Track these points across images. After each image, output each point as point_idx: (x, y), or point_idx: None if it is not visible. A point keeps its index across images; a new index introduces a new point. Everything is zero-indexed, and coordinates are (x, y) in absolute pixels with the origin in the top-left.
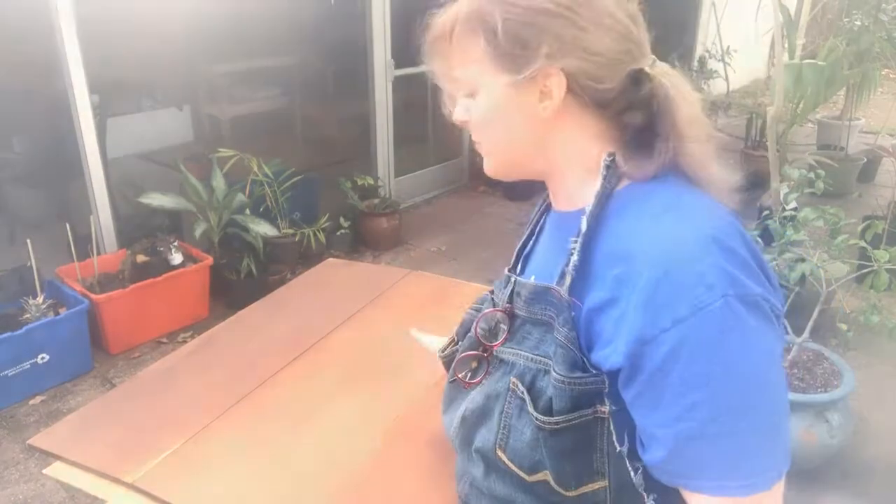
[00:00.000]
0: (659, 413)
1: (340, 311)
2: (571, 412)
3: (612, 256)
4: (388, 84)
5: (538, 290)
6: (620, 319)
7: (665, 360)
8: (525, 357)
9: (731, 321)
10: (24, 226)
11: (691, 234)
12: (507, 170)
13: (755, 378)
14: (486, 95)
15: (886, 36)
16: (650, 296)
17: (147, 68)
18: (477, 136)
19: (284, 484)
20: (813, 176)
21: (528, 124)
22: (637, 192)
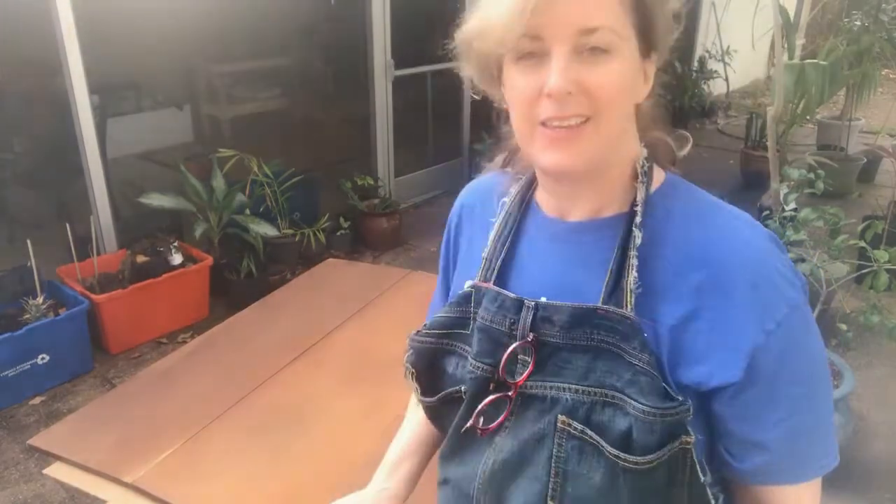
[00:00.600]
0: (765, 418)
1: (340, 311)
2: (661, 447)
3: (683, 266)
4: (388, 84)
5: (581, 312)
6: (715, 331)
7: (776, 362)
8: (572, 390)
9: (808, 313)
10: (24, 226)
11: (754, 231)
12: (601, 161)
13: (825, 363)
14: (623, 61)
15: (886, 36)
16: (751, 300)
17: (147, 68)
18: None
19: (284, 483)
20: (813, 176)
21: (631, 108)
22: (668, 196)
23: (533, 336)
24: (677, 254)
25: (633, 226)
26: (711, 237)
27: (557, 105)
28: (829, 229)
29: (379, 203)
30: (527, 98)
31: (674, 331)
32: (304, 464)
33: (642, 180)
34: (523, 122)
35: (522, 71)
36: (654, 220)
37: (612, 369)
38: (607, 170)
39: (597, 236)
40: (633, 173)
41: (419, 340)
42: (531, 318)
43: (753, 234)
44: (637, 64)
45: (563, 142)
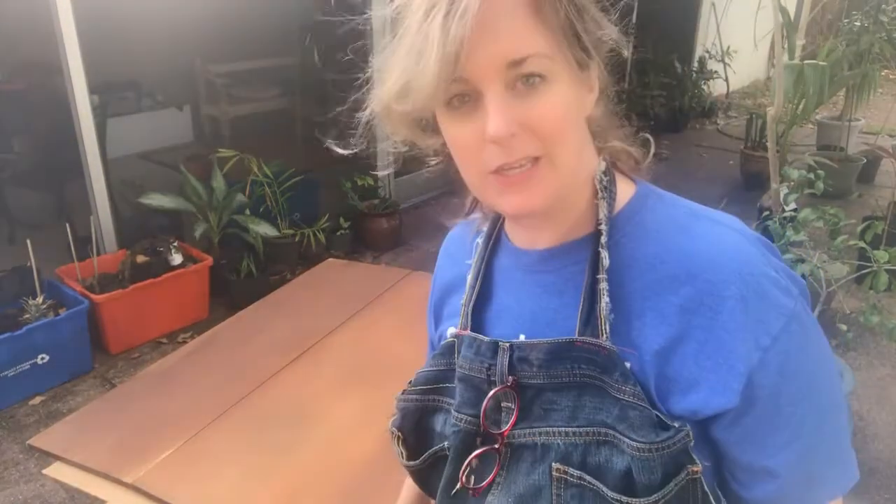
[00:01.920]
0: (770, 441)
1: (340, 311)
2: (665, 483)
3: (661, 285)
4: None
5: (557, 347)
6: (705, 353)
7: (776, 380)
8: (562, 433)
9: (807, 320)
10: (24, 226)
11: (739, 237)
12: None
13: (831, 373)
14: (565, 82)
15: (886, 36)
16: (742, 315)
17: (147, 68)
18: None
19: (284, 483)
20: (813, 176)
21: (583, 126)
22: (638, 208)
23: (512, 379)
24: (654, 271)
25: (598, 247)
26: (691, 248)
27: (504, 150)
28: (829, 230)
29: (379, 203)
30: (469, 148)
31: (660, 356)
32: (304, 463)
33: (603, 196)
34: (471, 173)
35: (457, 119)
36: (625, 237)
37: (600, 405)
38: (570, 196)
39: (567, 261)
40: (594, 189)
41: (404, 400)
42: (507, 361)
43: (738, 240)
44: (577, 80)
45: (519, 185)
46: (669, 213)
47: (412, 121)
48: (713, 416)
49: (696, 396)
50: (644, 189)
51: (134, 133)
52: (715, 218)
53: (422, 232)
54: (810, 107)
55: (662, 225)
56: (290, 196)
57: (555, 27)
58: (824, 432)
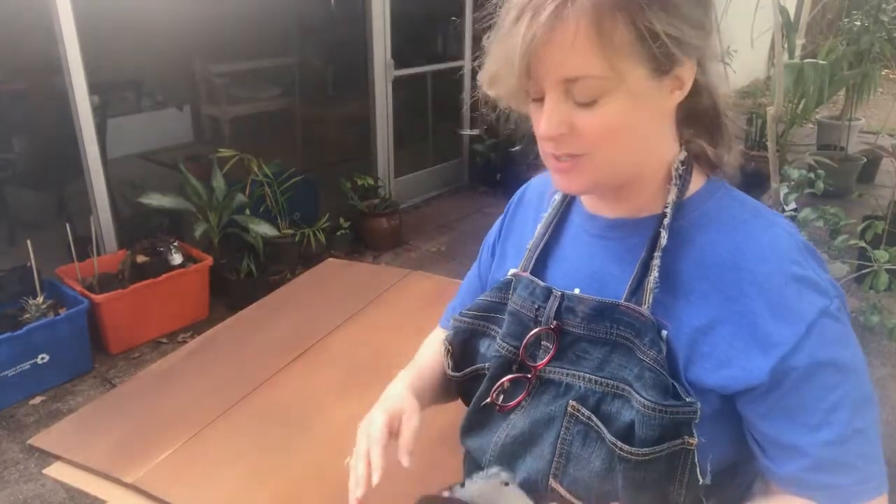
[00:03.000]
0: (799, 421)
1: (340, 311)
2: (659, 442)
3: (710, 270)
4: (388, 84)
5: (604, 306)
6: (740, 336)
7: (808, 366)
8: (586, 379)
9: (844, 320)
10: (24, 226)
11: (790, 241)
12: (611, 181)
13: (865, 371)
14: (623, 97)
15: (886, 36)
16: (779, 305)
17: (147, 68)
18: (595, 148)
19: (284, 484)
20: (813, 176)
21: (656, 122)
22: (709, 199)
23: (556, 324)
24: (705, 257)
25: (660, 227)
26: (742, 242)
27: (552, 144)
28: (829, 229)
29: (379, 203)
30: (537, 131)
31: (698, 331)
32: (304, 463)
33: (675, 182)
34: (541, 150)
35: (533, 110)
36: (685, 223)
37: (626, 364)
38: (635, 179)
39: (631, 234)
40: (670, 176)
41: (458, 320)
42: (556, 307)
43: (788, 242)
44: (647, 87)
45: (564, 171)
46: (733, 208)
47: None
48: (741, 391)
49: (727, 373)
50: (716, 183)
51: (134, 133)
52: (774, 220)
53: (422, 232)
54: (810, 106)
55: (724, 217)
56: (290, 196)
57: (620, 48)
58: (855, 425)
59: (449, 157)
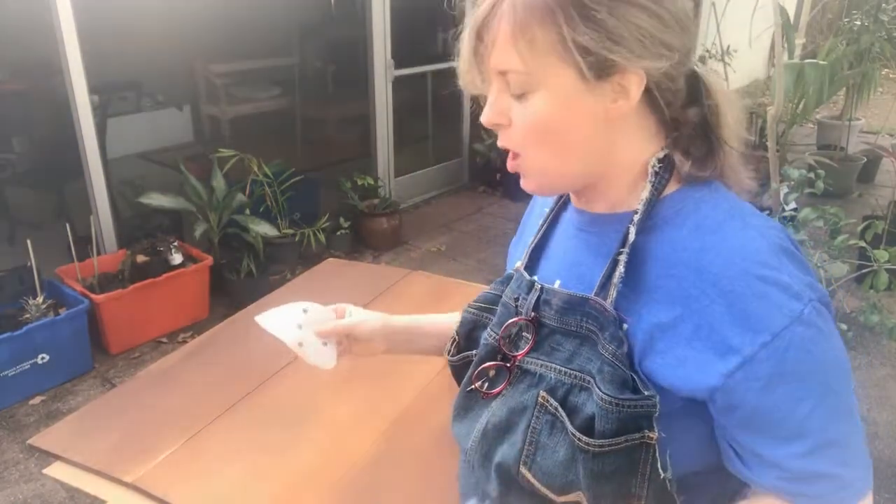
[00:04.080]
0: (769, 433)
1: None
2: (617, 435)
3: (676, 269)
4: (388, 84)
5: (574, 300)
6: (698, 337)
7: (771, 376)
8: (556, 370)
9: (819, 324)
10: (24, 226)
11: (762, 243)
12: (557, 183)
13: (846, 377)
14: (549, 95)
15: (886, 36)
16: (743, 311)
17: (147, 68)
18: (523, 145)
19: (284, 483)
20: (813, 176)
21: (593, 127)
22: (687, 198)
23: (533, 315)
24: (672, 256)
25: (630, 223)
26: (709, 243)
27: (501, 136)
28: (829, 229)
29: (379, 203)
30: None
31: (655, 328)
32: (304, 463)
33: (650, 180)
34: None
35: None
36: (658, 220)
37: (592, 357)
38: (603, 178)
39: (608, 229)
40: (645, 173)
41: (467, 311)
42: (535, 299)
43: (759, 244)
44: (577, 91)
45: (515, 169)
46: (709, 209)
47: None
48: (694, 395)
49: (681, 372)
50: (702, 184)
51: (134, 133)
52: (750, 221)
53: (422, 232)
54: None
55: (697, 218)
56: (290, 196)
57: (541, 49)
58: (830, 436)
59: (449, 157)
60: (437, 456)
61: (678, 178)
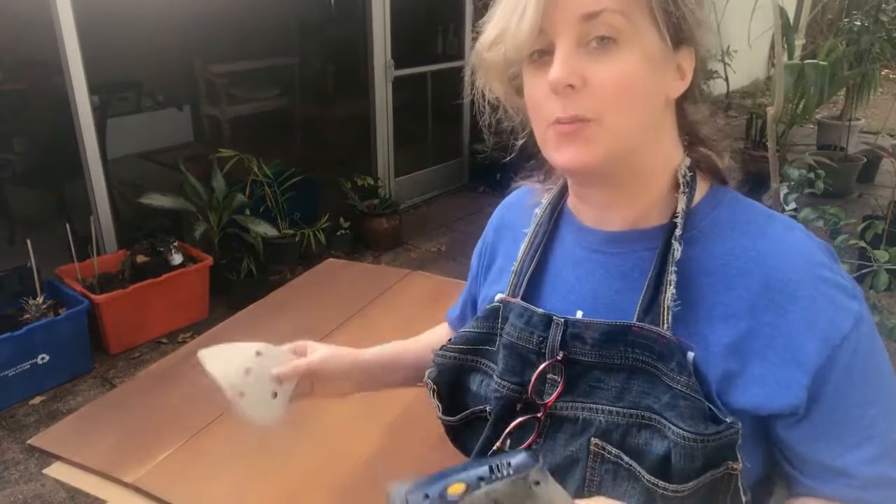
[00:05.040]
0: (839, 440)
1: (340, 311)
2: (702, 473)
3: (735, 281)
4: (388, 84)
5: (616, 329)
6: (773, 348)
7: (844, 379)
8: (605, 411)
9: (872, 325)
10: (24, 226)
11: (812, 244)
12: (623, 154)
13: (892, 373)
14: (639, 52)
15: (886, 36)
16: (812, 314)
17: (147, 68)
18: (607, 106)
19: (284, 483)
20: (813, 176)
21: (658, 104)
22: (718, 205)
23: (563, 354)
24: (727, 268)
25: (672, 238)
26: (764, 248)
27: (561, 103)
28: (829, 229)
29: (379, 203)
30: (537, 98)
31: (728, 349)
32: (304, 463)
33: (684, 190)
34: (538, 125)
35: (535, 71)
36: (698, 233)
37: (649, 390)
38: (638, 172)
39: (637, 248)
40: (675, 182)
41: (443, 356)
42: (560, 336)
43: (811, 245)
44: (659, 54)
45: (571, 136)
46: (746, 214)
47: (503, 74)
48: (777, 413)
49: (760, 391)
50: (722, 190)
51: (134, 133)
52: (789, 223)
53: (422, 232)
54: (810, 106)
55: (737, 224)
56: (290, 196)
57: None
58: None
59: (449, 157)
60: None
61: (702, 186)
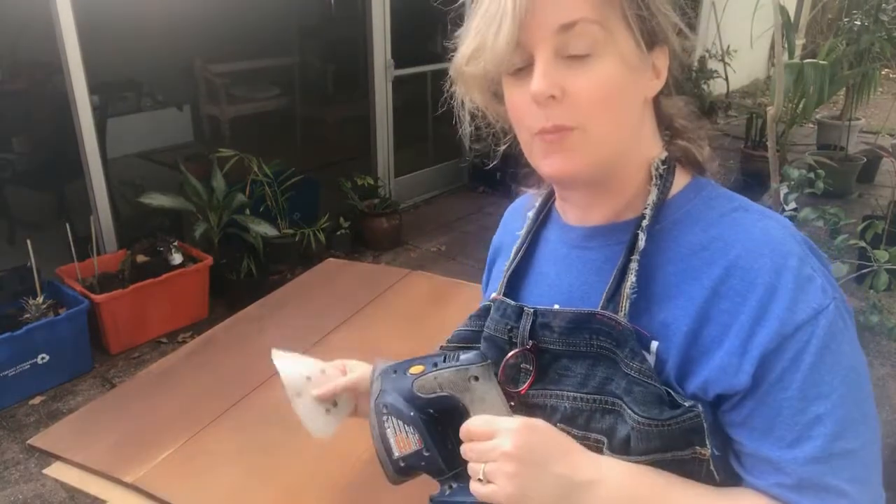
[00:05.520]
0: (776, 433)
1: (340, 311)
2: (662, 451)
3: (695, 267)
4: (388, 84)
5: (579, 317)
6: (725, 333)
7: (785, 370)
8: (570, 398)
9: (840, 324)
10: (24, 226)
11: (783, 233)
12: (609, 160)
13: (865, 385)
14: (617, 59)
15: (886, 36)
16: (768, 301)
17: (147, 68)
18: (588, 114)
19: (284, 483)
20: (813, 176)
21: (637, 106)
22: (695, 198)
23: (532, 343)
24: (693, 258)
25: (637, 229)
26: (731, 238)
27: (543, 114)
28: (829, 229)
29: (379, 203)
30: (520, 108)
31: (687, 336)
32: (304, 463)
33: (655, 183)
34: (522, 134)
35: (515, 83)
36: (668, 223)
37: (612, 376)
38: (619, 173)
39: (611, 240)
40: (649, 176)
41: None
42: (530, 325)
43: (782, 234)
44: (635, 58)
45: (556, 145)
46: (721, 206)
47: (484, 87)
48: (721, 394)
49: (707, 373)
50: (701, 182)
51: (134, 133)
52: (765, 213)
53: (422, 232)
54: (810, 106)
55: (711, 215)
56: (290, 196)
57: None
58: (842, 445)
59: (449, 157)
60: None
61: (681, 179)
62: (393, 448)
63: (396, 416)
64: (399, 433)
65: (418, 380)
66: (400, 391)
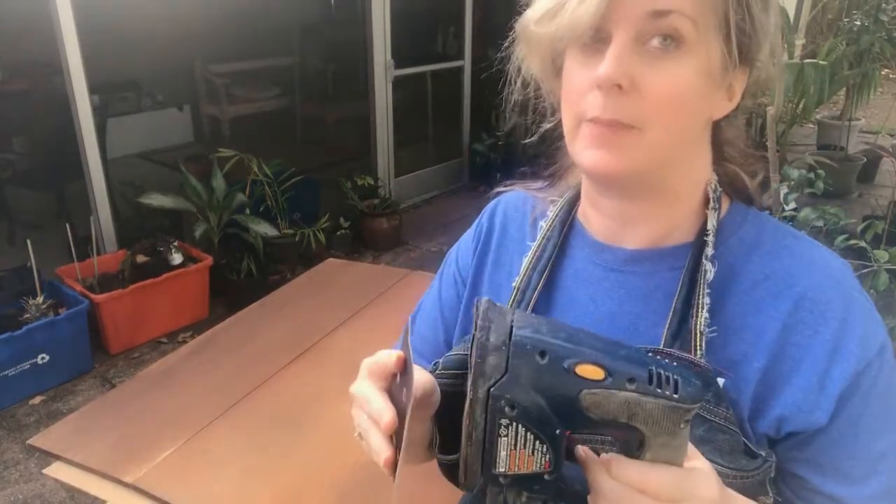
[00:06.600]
0: (843, 471)
1: (340, 311)
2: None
3: (764, 301)
4: (388, 84)
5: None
6: (799, 371)
7: (857, 405)
8: None
9: (891, 352)
10: (24, 226)
11: (839, 262)
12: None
13: None
14: (699, 64)
15: (886, 36)
16: (843, 339)
17: (147, 68)
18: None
19: (284, 483)
20: (813, 176)
21: (701, 122)
22: (744, 223)
23: None
24: (758, 288)
25: (703, 257)
26: (794, 268)
27: (603, 102)
28: (829, 229)
29: (379, 203)
30: (577, 89)
31: (758, 376)
32: (304, 464)
33: (714, 206)
34: (570, 117)
35: (581, 61)
36: (726, 251)
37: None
38: (664, 192)
39: (660, 266)
40: (703, 199)
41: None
42: None
43: (841, 266)
44: (716, 69)
45: (605, 138)
46: (772, 232)
47: (546, 51)
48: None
49: (780, 411)
50: (742, 207)
51: (134, 133)
52: (812, 242)
53: (422, 232)
54: (810, 106)
55: (765, 242)
56: (290, 196)
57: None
58: None
59: (449, 157)
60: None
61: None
62: (499, 461)
63: (527, 425)
64: (520, 448)
65: (592, 392)
66: (547, 391)
